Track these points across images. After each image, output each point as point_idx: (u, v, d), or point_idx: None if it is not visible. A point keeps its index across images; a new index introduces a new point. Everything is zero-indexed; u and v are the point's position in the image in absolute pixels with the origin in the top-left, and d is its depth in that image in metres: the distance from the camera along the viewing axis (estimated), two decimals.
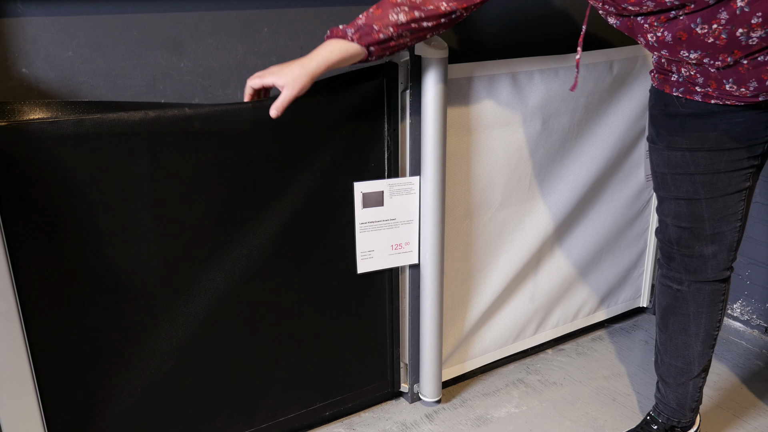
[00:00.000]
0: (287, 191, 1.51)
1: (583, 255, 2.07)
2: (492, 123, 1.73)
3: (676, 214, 1.47)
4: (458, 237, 1.79)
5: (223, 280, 1.49)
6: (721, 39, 1.19)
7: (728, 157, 1.39)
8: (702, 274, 1.49)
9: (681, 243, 1.49)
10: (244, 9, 1.41)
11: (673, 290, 1.55)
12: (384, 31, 1.32)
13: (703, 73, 1.29)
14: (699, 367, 1.58)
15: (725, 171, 1.40)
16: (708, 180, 1.42)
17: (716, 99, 1.34)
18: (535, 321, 2.06)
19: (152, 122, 1.31)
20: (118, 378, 1.44)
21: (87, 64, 1.30)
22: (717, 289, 1.51)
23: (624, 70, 1.91)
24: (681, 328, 1.56)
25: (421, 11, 1.33)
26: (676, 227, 1.48)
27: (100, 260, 1.34)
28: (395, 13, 1.32)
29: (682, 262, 1.50)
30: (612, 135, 1.96)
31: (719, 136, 1.38)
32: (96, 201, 1.30)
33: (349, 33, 1.32)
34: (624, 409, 1.85)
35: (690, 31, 1.20)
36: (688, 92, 1.37)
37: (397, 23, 1.32)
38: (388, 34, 1.32)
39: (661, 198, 1.50)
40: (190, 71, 1.40)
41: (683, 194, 1.45)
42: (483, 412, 1.85)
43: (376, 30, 1.31)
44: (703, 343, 1.56)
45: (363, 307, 1.72)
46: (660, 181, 1.49)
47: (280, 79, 1.30)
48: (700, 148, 1.40)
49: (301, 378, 1.69)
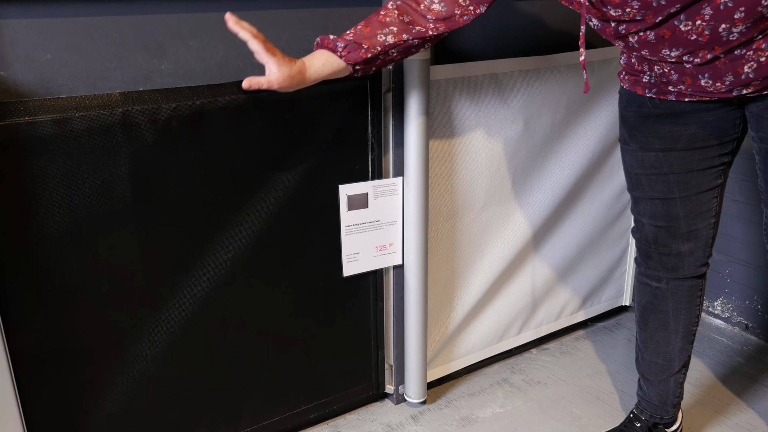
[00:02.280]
0: (271, 194, 1.50)
1: (566, 254, 2.09)
2: (474, 124, 1.74)
3: (652, 213, 1.49)
4: (442, 238, 1.80)
5: (207, 284, 1.48)
6: (704, 35, 1.19)
7: (700, 155, 1.41)
8: (680, 271, 1.51)
9: (658, 242, 1.50)
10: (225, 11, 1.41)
11: (651, 288, 1.56)
12: (372, 50, 1.32)
13: (678, 70, 1.30)
14: (679, 363, 1.60)
15: (698, 169, 1.42)
16: (682, 179, 1.43)
17: (689, 96, 1.35)
18: (519, 321, 2.07)
19: (132, 122, 1.30)
20: (101, 384, 1.42)
21: (66, 67, 1.29)
22: (694, 285, 1.53)
23: (604, 72, 1.93)
24: (660, 325, 1.58)
25: (409, 34, 1.33)
26: (652, 226, 1.50)
27: (81, 264, 1.33)
28: (383, 34, 1.32)
29: (659, 261, 1.52)
30: (593, 135, 1.97)
31: (691, 135, 1.39)
32: (75, 204, 1.29)
33: (339, 47, 1.32)
34: (608, 407, 1.87)
35: (673, 29, 1.21)
36: (661, 93, 1.38)
37: (385, 44, 1.32)
38: (375, 53, 1.32)
39: (636, 198, 1.52)
40: (171, 73, 1.39)
41: (658, 194, 1.46)
42: (468, 412, 1.85)
43: (364, 48, 1.31)
44: (683, 339, 1.58)
45: (347, 309, 1.72)
46: (634, 181, 1.50)
47: (273, 67, 1.27)
48: (673, 148, 1.41)
49: (285, 381, 1.68)
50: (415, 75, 1.54)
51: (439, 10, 1.33)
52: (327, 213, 1.60)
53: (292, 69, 1.29)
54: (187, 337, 1.49)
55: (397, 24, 1.33)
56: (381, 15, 1.34)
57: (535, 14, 1.85)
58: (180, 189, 1.39)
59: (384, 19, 1.33)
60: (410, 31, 1.33)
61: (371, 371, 1.82)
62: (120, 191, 1.33)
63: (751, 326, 2.21)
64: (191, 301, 1.47)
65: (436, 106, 1.65)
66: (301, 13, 1.49)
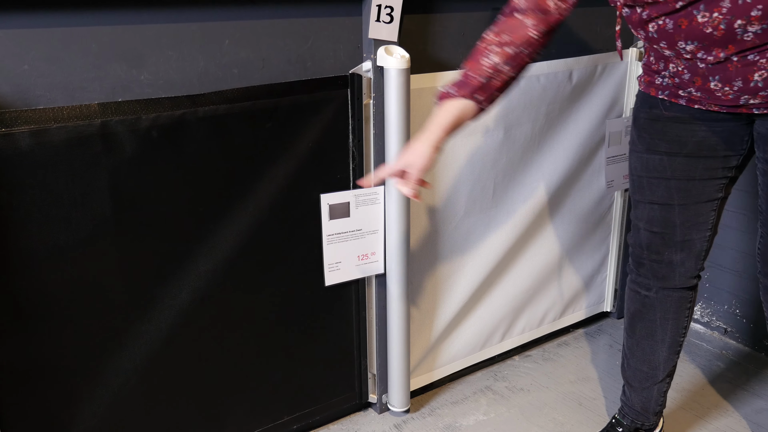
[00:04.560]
0: (252, 204, 1.50)
1: (547, 261, 2.10)
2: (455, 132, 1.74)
3: (650, 218, 1.50)
4: (424, 246, 1.80)
5: (188, 296, 1.47)
6: (719, 30, 1.20)
7: (704, 165, 1.42)
8: (669, 281, 1.52)
9: (651, 248, 1.51)
10: (205, 21, 1.40)
11: (641, 296, 1.57)
12: (482, 74, 1.29)
13: (691, 69, 1.30)
14: (664, 372, 1.61)
15: (700, 179, 1.43)
16: (683, 186, 1.44)
17: (698, 104, 1.36)
18: (501, 328, 2.07)
19: (111, 133, 1.29)
20: (80, 398, 1.40)
21: (44, 78, 1.28)
22: (684, 297, 1.54)
23: (583, 79, 1.95)
24: (648, 333, 1.59)
25: (513, 46, 1.30)
26: (647, 231, 1.51)
27: (60, 276, 1.32)
28: (486, 57, 1.30)
29: (651, 268, 1.53)
30: (573, 143, 1.99)
31: (698, 142, 1.40)
32: (54, 216, 1.28)
33: (452, 91, 1.31)
34: (590, 413, 1.88)
35: (691, 19, 1.22)
36: (673, 96, 1.40)
37: (492, 64, 1.29)
38: (487, 74, 1.29)
39: (636, 202, 1.53)
40: (151, 84, 1.38)
41: (658, 199, 1.47)
42: (452, 420, 1.85)
43: (473, 77, 1.29)
44: (669, 348, 1.59)
45: (330, 319, 1.71)
46: (636, 184, 1.51)
47: (407, 159, 1.30)
48: (678, 153, 1.42)
49: (268, 392, 1.67)
50: (395, 84, 1.54)
51: (528, 7, 1.30)
52: (308, 222, 1.59)
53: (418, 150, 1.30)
54: (168, 349, 1.48)
55: (498, 43, 1.30)
56: (481, 45, 1.31)
57: None
58: (160, 200, 1.38)
59: (485, 46, 1.31)
60: (514, 43, 1.30)
61: (354, 381, 1.82)
62: (99, 203, 1.31)
63: (730, 330, 2.24)
64: (172, 313, 1.46)
65: (417, 115, 1.66)
66: (280, 23, 1.49)
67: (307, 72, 1.55)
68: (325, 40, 1.55)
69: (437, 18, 1.70)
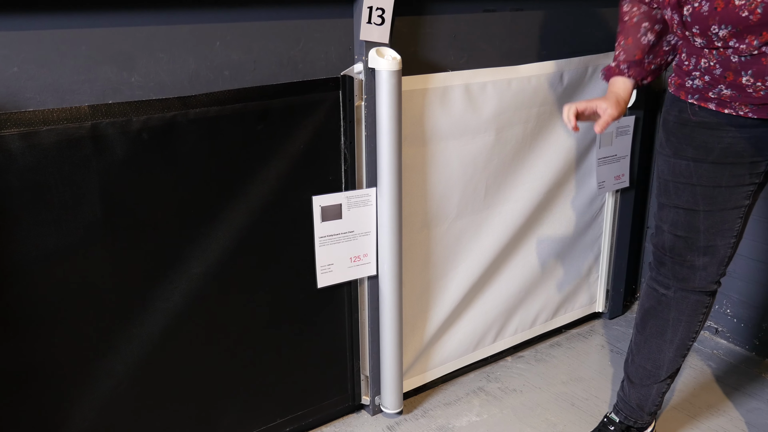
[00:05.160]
0: (244, 206, 1.49)
1: (539, 262, 2.10)
2: (447, 134, 1.75)
3: (674, 222, 1.49)
4: (416, 248, 1.80)
5: (180, 298, 1.46)
6: (756, 14, 1.19)
7: (731, 171, 1.41)
8: (690, 283, 1.52)
9: (674, 251, 1.51)
10: (196, 23, 1.40)
11: (658, 294, 1.57)
12: (648, 59, 1.52)
13: (723, 64, 1.30)
14: (666, 372, 1.61)
15: (726, 186, 1.42)
16: (709, 193, 1.43)
17: (728, 107, 1.36)
18: (494, 329, 2.08)
19: (101, 135, 1.29)
20: (72, 401, 1.40)
21: (34, 80, 1.27)
22: (701, 301, 1.54)
23: (574, 81, 1.96)
24: (658, 331, 1.59)
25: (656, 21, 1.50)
26: (671, 235, 1.50)
27: (51, 279, 1.31)
28: (643, 35, 1.51)
29: (672, 269, 1.53)
30: (564, 144, 2.00)
31: (724, 149, 1.40)
32: (44, 218, 1.27)
33: (624, 69, 1.54)
34: (582, 414, 1.88)
35: (728, 1, 1.22)
36: (702, 99, 1.39)
37: (651, 43, 1.51)
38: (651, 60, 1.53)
39: (661, 204, 1.52)
40: (141, 86, 1.38)
41: (683, 204, 1.47)
42: (445, 421, 1.85)
43: (643, 61, 1.52)
44: (677, 350, 1.59)
45: (322, 321, 1.71)
46: (662, 188, 1.51)
47: (603, 103, 1.50)
48: (704, 159, 1.42)
49: (261, 394, 1.67)
50: (386, 85, 1.54)
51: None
52: (300, 224, 1.59)
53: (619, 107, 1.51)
54: (160, 352, 1.48)
55: (643, 16, 1.50)
56: (626, 20, 1.52)
57: (504, 25, 1.87)
58: (151, 202, 1.38)
59: (632, 19, 1.49)
60: (655, 17, 1.49)
61: (347, 383, 1.82)
62: (89, 205, 1.31)
63: (720, 330, 2.25)
64: (163, 316, 1.46)
65: (409, 117, 1.66)
66: (272, 25, 1.49)
67: (299, 74, 1.55)
68: (317, 42, 1.55)
69: (428, 20, 1.71)
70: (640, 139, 2.18)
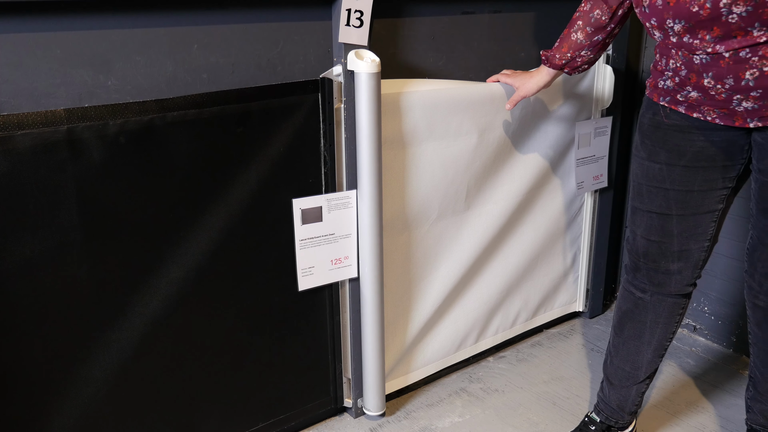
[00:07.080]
0: (224, 209, 1.48)
1: (520, 262, 2.11)
2: (427, 137, 1.75)
3: (647, 226, 1.50)
4: (397, 250, 1.80)
5: (159, 303, 1.45)
6: (705, 8, 1.20)
7: (703, 176, 1.42)
8: (666, 288, 1.53)
9: (648, 257, 1.52)
10: (173, 26, 1.39)
11: (635, 297, 1.58)
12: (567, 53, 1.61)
13: (687, 65, 1.31)
14: (645, 373, 1.63)
15: (699, 190, 1.43)
16: (681, 197, 1.44)
17: (697, 111, 1.37)
18: (475, 330, 2.08)
19: (78, 139, 1.27)
20: (49, 409, 1.38)
21: (8, 84, 1.25)
22: (677, 303, 1.55)
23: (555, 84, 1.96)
24: (635, 334, 1.60)
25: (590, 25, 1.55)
26: (645, 239, 1.51)
27: (27, 285, 1.29)
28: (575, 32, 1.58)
29: (647, 275, 1.54)
30: (544, 145, 2.01)
31: (696, 152, 1.41)
32: (20, 224, 1.25)
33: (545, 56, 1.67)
34: (564, 413, 1.89)
35: None
36: (673, 102, 1.40)
37: (576, 42, 1.59)
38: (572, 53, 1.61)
39: (634, 209, 1.53)
40: (118, 89, 1.37)
41: (656, 208, 1.47)
42: (427, 423, 1.85)
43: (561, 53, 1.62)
44: (654, 351, 1.60)
45: (304, 324, 1.70)
46: (636, 191, 1.52)
47: (517, 82, 1.74)
48: (676, 163, 1.43)
49: (243, 399, 1.66)
50: (366, 88, 1.54)
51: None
52: (281, 227, 1.59)
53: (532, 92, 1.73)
54: (139, 358, 1.46)
55: (582, 18, 1.56)
56: (576, 14, 1.58)
57: (483, 27, 1.88)
58: (129, 206, 1.37)
59: (575, 15, 1.58)
60: (590, 21, 1.54)
61: (329, 385, 1.81)
62: (66, 210, 1.29)
63: (699, 328, 2.27)
64: (142, 321, 1.44)
65: (389, 119, 1.66)
66: (250, 28, 1.49)
67: (278, 76, 1.55)
68: (295, 45, 1.55)
69: (407, 22, 1.71)
70: (618, 139, 2.20)
